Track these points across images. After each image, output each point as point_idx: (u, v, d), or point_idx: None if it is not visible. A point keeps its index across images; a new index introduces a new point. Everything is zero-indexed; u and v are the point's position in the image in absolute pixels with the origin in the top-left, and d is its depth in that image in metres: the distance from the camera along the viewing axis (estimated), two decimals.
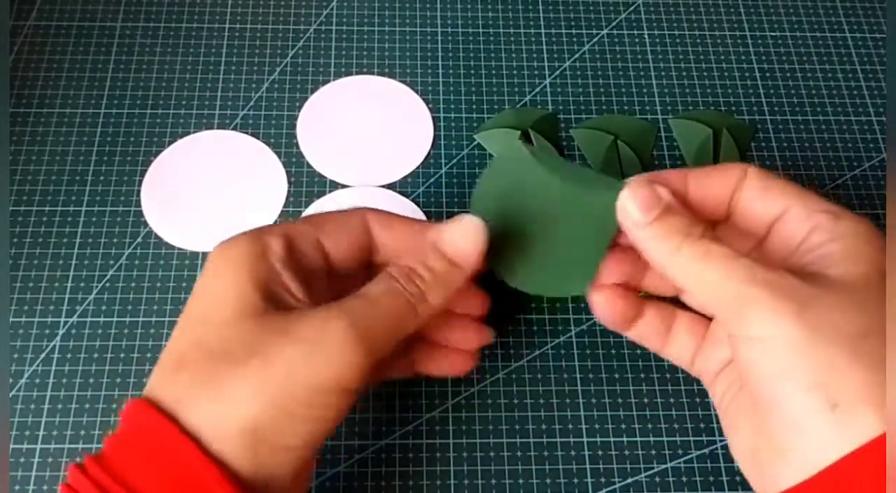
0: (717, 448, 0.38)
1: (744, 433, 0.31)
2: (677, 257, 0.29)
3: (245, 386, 0.26)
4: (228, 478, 0.26)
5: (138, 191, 0.44)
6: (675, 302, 0.35)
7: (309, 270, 0.31)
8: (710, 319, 0.34)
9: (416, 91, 0.48)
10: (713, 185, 0.32)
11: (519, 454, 0.38)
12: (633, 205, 0.30)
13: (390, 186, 0.45)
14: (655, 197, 0.30)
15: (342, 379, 0.27)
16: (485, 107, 0.48)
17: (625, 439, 0.38)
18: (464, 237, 0.31)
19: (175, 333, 0.29)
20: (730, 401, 0.32)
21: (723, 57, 0.50)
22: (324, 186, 0.45)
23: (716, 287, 0.28)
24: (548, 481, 0.37)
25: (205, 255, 0.42)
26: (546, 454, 0.38)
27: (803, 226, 0.30)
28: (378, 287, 0.29)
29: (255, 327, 0.28)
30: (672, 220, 0.30)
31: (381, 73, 0.49)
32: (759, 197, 0.31)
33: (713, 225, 0.33)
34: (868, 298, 0.27)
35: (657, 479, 0.38)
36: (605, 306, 0.33)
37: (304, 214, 0.44)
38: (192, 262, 0.42)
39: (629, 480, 0.38)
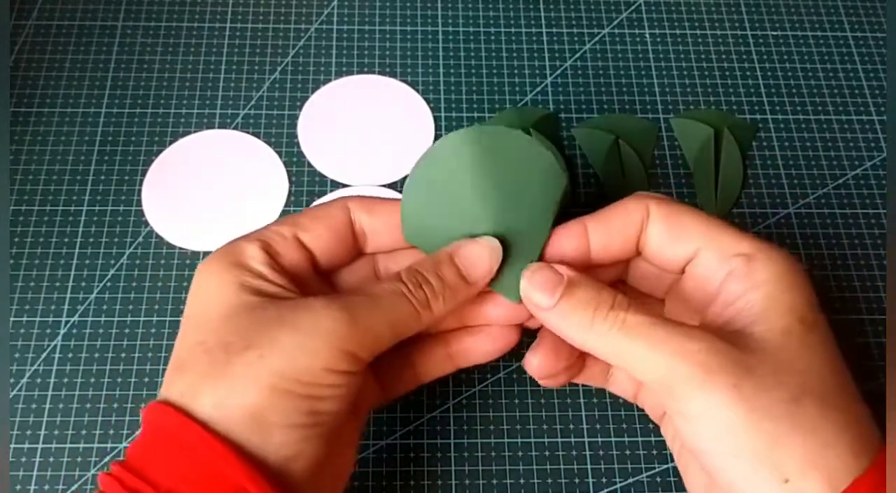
0: None
1: (697, 478, 0.31)
2: (592, 333, 0.28)
3: (244, 374, 0.27)
4: (238, 455, 0.26)
5: (139, 190, 0.44)
6: None
7: (294, 269, 0.31)
8: None
9: (417, 90, 0.48)
10: (614, 231, 0.31)
11: (519, 453, 0.38)
12: (534, 291, 0.29)
13: (391, 186, 0.45)
14: (555, 276, 0.29)
15: (335, 364, 0.28)
16: (486, 106, 0.48)
17: (625, 439, 0.38)
18: (482, 258, 0.31)
19: (174, 346, 0.30)
20: (681, 446, 0.32)
21: (724, 56, 0.50)
22: (324, 185, 0.45)
23: (640, 362, 0.27)
24: (548, 481, 0.37)
25: (206, 254, 0.42)
26: (546, 454, 0.38)
27: (718, 271, 0.29)
28: (384, 286, 0.30)
29: (249, 319, 0.28)
30: (578, 294, 0.29)
31: (382, 73, 0.49)
32: (667, 241, 0.30)
33: (626, 264, 0.33)
34: (795, 355, 0.27)
35: (658, 479, 0.38)
36: (546, 375, 0.33)
37: None
38: (192, 261, 0.42)
39: (630, 480, 0.38)
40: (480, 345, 0.34)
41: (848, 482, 0.25)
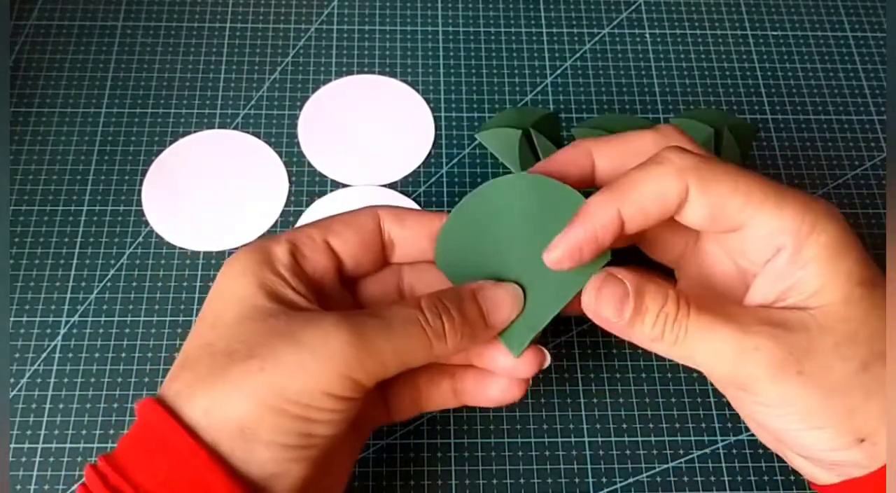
0: (717, 448, 0.38)
1: (767, 436, 0.32)
2: (661, 344, 0.29)
3: (241, 384, 0.27)
4: (220, 465, 0.26)
5: (139, 190, 0.44)
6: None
7: (318, 273, 0.31)
8: None
9: (418, 90, 0.48)
10: (649, 210, 0.29)
11: (519, 453, 0.38)
12: (603, 307, 0.29)
13: (391, 186, 0.45)
14: (622, 289, 0.29)
15: (335, 389, 0.27)
16: (486, 106, 0.48)
17: (625, 438, 0.38)
18: (505, 303, 0.31)
19: (186, 340, 0.30)
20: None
21: (724, 56, 0.50)
22: (325, 185, 0.45)
23: (707, 365, 0.28)
24: (548, 480, 0.37)
25: (206, 254, 0.42)
26: (546, 453, 0.38)
27: (765, 245, 0.29)
28: (400, 311, 0.29)
29: (259, 327, 0.28)
30: (646, 308, 0.29)
31: (382, 73, 0.49)
32: (707, 221, 0.29)
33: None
34: (860, 322, 0.27)
35: (658, 479, 0.38)
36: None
37: (304, 214, 0.44)
38: (193, 261, 0.42)
39: (630, 480, 0.38)
40: (484, 390, 0.33)
41: None
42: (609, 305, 0.29)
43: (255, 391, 0.26)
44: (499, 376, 0.33)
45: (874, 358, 0.27)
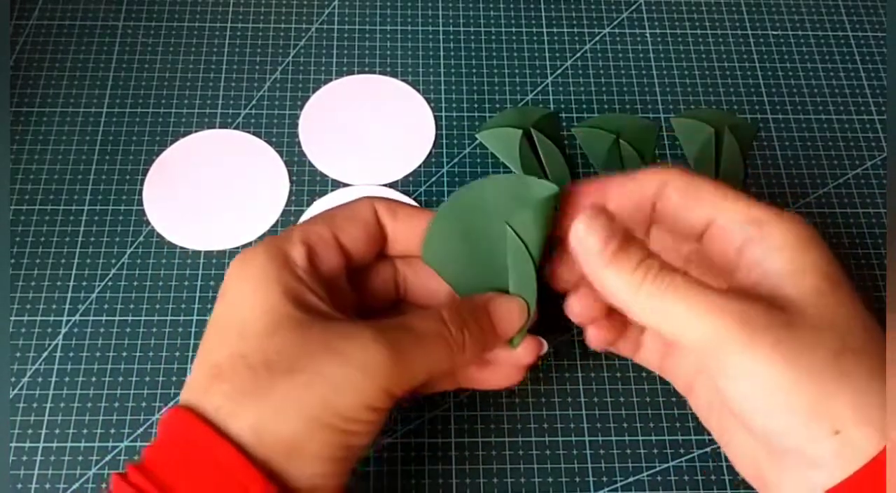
0: (717, 447, 0.38)
1: (740, 439, 0.31)
2: (640, 294, 0.29)
3: (289, 400, 0.27)
4: (274, 484, 0.26)
5: (140, 190, 0.44)
6: None
7: (331, 272, 0.31)
8: None
9: (418, 90, 0.48)
10: (630, 194, 0.31)
11: (519, 453, 0.38)
12: (592, 237, 0.29)
13: (392, 185, 0.45)
14: (613, 227, 0.30)
15: (375, 402, 0.28)
16: (486, 106, 0.48)
17: (625, 438, 0.38)
18: (514, 315, 0.32)
19: (206, 344, 0.29)
20: (720, 407, 0.32)
21: (724, 56, 0.50)
22: (325, 185, 0.45)
23: (683, 323, 0.28)
24: (548, 480, 0.37)
25: (207, 254, 0.42)
26: (546, 453, 0.38)
27: (735, 237, 0.29)
28: (428, 325, 0.30)
29: (295, 338, 0.28)
30: (631, 251, 0.29)
31: (383, 72, 0.49)
32: (682, 207, 0.31)
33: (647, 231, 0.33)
34: (831, 313, 0.27)
35: (658, 478, 0.38)
36: (600, 340, 0.34)
37: (305, 214, 0.44)
38: (193, 260, 0.42)
39: (630, 479, 0.38)
40: (486, 377, 0.34)
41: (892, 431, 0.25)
42: (596, 234, 0.29)
43: (304, 407, 0.27)
44: (500, 364, 0.34)
45: (845, 349, 0.26)
